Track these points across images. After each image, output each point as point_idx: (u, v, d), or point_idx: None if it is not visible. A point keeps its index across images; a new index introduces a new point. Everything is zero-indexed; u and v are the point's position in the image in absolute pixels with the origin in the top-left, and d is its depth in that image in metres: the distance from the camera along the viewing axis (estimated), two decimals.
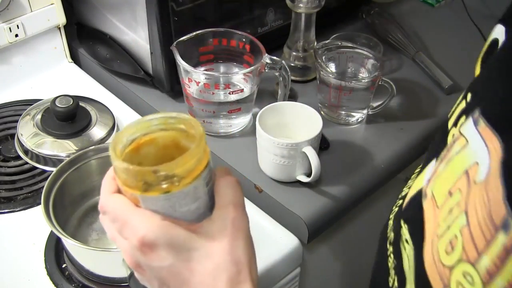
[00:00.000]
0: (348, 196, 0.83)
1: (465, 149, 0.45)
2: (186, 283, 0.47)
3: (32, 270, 0.73)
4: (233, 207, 0.48)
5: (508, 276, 0.39)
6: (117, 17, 0.99)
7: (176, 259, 0.46)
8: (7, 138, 0.91)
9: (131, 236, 0.46)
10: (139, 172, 0.45)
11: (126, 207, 0.47)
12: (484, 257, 0.41)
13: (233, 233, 0.48)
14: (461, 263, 0.43)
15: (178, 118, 0.49)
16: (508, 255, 0.39)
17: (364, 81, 0.89)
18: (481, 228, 0.41)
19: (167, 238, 0.46)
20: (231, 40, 0.89)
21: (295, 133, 0.85)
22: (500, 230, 0.39)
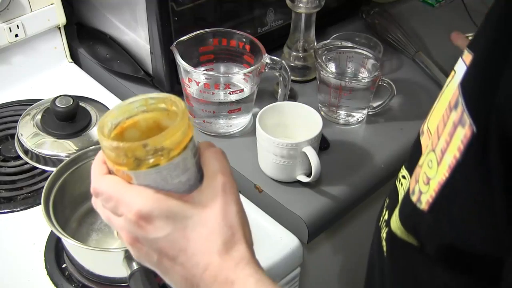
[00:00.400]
0: (348, 196, 0.83)
1: (453, 79, 0.49)
2: (183, 251, 0.48)
3: (32, 270, 0.73)
4: (221, 175, 0.50)
5: (453, 149, 0.43)
6: (117, 17, 0.99)
7: (172, 229, 0.48)
8: (7, 138, 0.91)
9: (127, 211, 0.48)
10: (129, 148, 0.47)
11: (118, 185, 0.49)
12: (441, 139, 0.46)
13: (224, 198, 0.49)
14: (428, 154, 0.48)
15: (158, 98, 0.51)
16: (455, 129, 0.43)
17: (364, 81, 0.89)
18: (443, 117, 0.46)
19: (162, 209, 0.48)
20: (231, 40, 0.89)
21: (295, 133, 0.85)
22: (453, 109, 0.45)
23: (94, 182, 0.50)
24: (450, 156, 0.44)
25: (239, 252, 0.49)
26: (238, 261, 0.48)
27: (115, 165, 0.48)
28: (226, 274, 0.48)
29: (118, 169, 0.49)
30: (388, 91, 0.91)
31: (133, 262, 0.64)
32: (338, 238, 0.93)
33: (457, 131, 0.43)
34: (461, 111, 0.43)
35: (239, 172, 0.84)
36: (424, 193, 0.47)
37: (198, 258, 0.48)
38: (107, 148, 0.48)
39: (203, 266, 0.48)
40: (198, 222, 0.49)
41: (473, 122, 0.41)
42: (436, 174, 0.46)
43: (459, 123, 0.43)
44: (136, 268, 0.64)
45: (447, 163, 0.44)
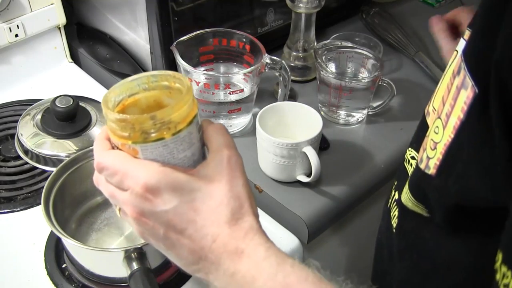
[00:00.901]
0: (348, 196, 0.83)
1: (455, 59, 0.51)
2: (191, 222, 0.49)
3: (32, 270, 0.73)
4: (226, 148, 0.51)
5: (457, 111, 0.45)
6: (117, 17, 0.99)
7: (180, 201, 0.48)
8: (7, 138, 0.91)
9: (133, 184, 0.48)
10: (137, 120, 0.47)
11: (124, 158, 0.49)
12: (446, 105, 0.48)
13: (230, 170, 0.50)
14: (434, 122, 0.49)
15: (160, 75, 0.51)
16: (459, 92, 0.45)
17: (364, 81, 0.89)
18: (447, 86, 0.49)
19: (169, 181, 0.48)
20: (231, 40, 0.89)
21: (295, 133, 0.85)
22: (456, 75, 0.46)
23: (98, 156, 0.50)
24: (454, 118, 0.46)
25: (248, 223, 0.49)
26: (247, 231, 0.49)
27: (121, 139, 0.49)
28: (235, 243, 0.48)
29: (123, 143, 0.49)
30: (388, 91, 0.91)
31: (133, 262, 0.64)
32: (338, 238, 0.93)
33: (461, 94, 0.45)
34: (463, 75, 0.45)
35: None
36: (432, 158, 0.49)
37: (207, 229, 0.49)
38: (113, 121, 0.48)
39: (212, 237, 0.48)
40: (206, 194, 0.49)
41: (474, 83, 0.43)
42: (442, 137, 0.47)
43: (462, 86, 0.45)
44: (136, 268, 0.64)
45: (452, 125, 0.46)
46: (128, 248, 0.65)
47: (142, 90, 0.52)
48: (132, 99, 0.51)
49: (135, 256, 0.65)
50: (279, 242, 0.78)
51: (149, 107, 0.52)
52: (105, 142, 0.51)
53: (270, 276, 0.47)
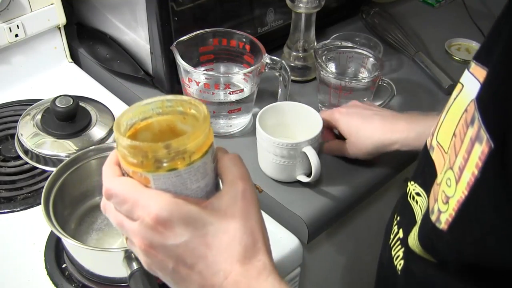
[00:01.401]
0: (348, 196, 0.83)
1: (461, 93, 0.49)
2: (203, 258, 0.47)
3: (32, 270, 0.73)
4: (241, 181, 0.49)
5: (472, 167, 0.43)
6: (117, 17, 0.99)
7: (192, 235, 0.46)
8: (7, 138, 0.91)
9: (144, 215, 0.46)
10: (151, 149, 0.45)
11: (135, 187, 0.47)
12: (459, 157, 0.45)
13: (244, 205, 0.48)
14: (447, 172, 0.47)
15: (175, 100, 0.50)
16: (473, 145, 0.42)
17: (364, 81, 0.89)
18: (460, 134, 0.45)
19: (181, 214, 0.46)
20: (231, 40, 0.89)
21: (295, 133, 0.85)
22: (470, 125, 0.44)
23: (108, 183, 0.48)
24: (468, 174, 0.43)
25: (261, 262, 0.48)
26: (260, 270, 0.47)
27: (132, 166, 0.47)
28: (248, 283, 0.47)
29: (135, 171, 0.47)
30: (388, 91, 0.91)
31: (133, 262, 0.64)
32: (338, 238, 0.93)
33: (475, 148, 0.42)
34: (478, 127, 0.42)
35: None
36: (444, 212, 0.46)
37: (219, 266, 0.47)
38: (125, 147, 0.46)
39: (223, 274, 0.47)
40: (218, 229, 0.47)
41: (490, 137, 0.41)
42: (455, 192, 0.45)
43: (476, 139, 0.42)
44: (136, 268, 0.64)
45: (465, 181, 0.43)
46: (128, 248, 0.65)
47: (155, 114, 0.49)
48: (145, 123, 0.49)
49: (135, 256, 0.65)
50: (279, 242, 0.78)
51: (161, 131, 0.50)
52: (115, 167, 0.49)
53: None
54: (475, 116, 0.43)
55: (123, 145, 0.46)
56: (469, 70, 0.48)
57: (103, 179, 0.49)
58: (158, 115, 0.50)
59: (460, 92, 0.49)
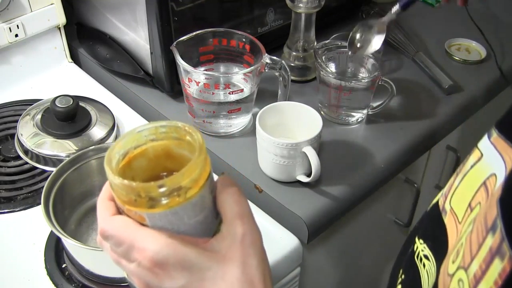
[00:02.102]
0: (348, 196, 0.83)
1: (480, 162, 0.45)
2: None
3: (32, 270, 0.73)
4: (240, 221, 0.47)
5: (490, 281, 0.38)
6: (117, 17, 0.99)
7: (189, 279, 0.45)
8: (7, 138, 0.91)
9: (140, 257, 0.45)
10: (143, 188, 0.43)
11: (130, 228, 0.45)
12: (474, 262, 0.40)
13: (244, 249, 0.46)
14: (458, 270, 0.43)
15: (170, 126, 0.47)
16: (492, 258, 0.38)
17: (364, 81, 0.89)
18: (477, 233, 0.41)
19: (177, 257, 0.45)
20: (231, 40, 0.89)
21: (295, 133, 0.85)
22: (490, 231, 0.39)
23: (102, 223, 0.47)
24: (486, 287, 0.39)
25: None
26: None
27: (126, 204, 0.45)
28: None
29: (129, 209, 0.45)
30: (388, 91, 0.91)
31: None
32: (338, 238, 0.93)
33: (495, 263, 0.38)
34: (500, 238, 0.38)
35: (239, 172, 0.84)
36: None
37: None
38: (118, 187, 0.44)
39: None
40: (216, 274, 0.45)
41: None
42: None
43: (497, 253, 0.38)
44: None
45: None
46: None
47: (149, 140, 0.48)
48: (139, 150, 0.47)
49: None
50: (279, 242, 0.78)
51: (156, 156, 0.48)
52: (109, 204, 0.47)
53: None
54: (498, 224, 0.38)
55: (115, 183, 0.44)
56: (490, 140, 0.44)
57: (98, 217, 0.48)
58: (152, 141, 0.48)
59: (478, 160, 0.46)
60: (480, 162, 0.45)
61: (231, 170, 0.85)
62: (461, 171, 0.48)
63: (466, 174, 0.47)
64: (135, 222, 0.45)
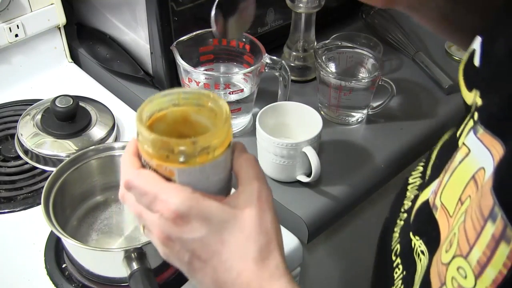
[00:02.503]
0: (348, 196, 0.83)
1: (468, 157, 0.47)
2: (217, 254, 0.48)
3: (32, 270, 0.73)
4: (257, 181, 0.50)
5: (498, 265, 0.40)
6: (117, 17, 0.99)
7: (209, 230, 0.48)
8: (7, 138, 0.91)
9: (164, 209, 0.47)
10: (179, 144, 0.47)
11: (156, 181, 0.48)
12: (475, 249, 0.42)
13: (260, 204, 0.49)
14: (455, 258, 0.44)
15: (193, 93, 0.51)
16: (497, 244, 0.40)
17: (364, 81, 0.89)
18: (473, 222, 0.43)
19: (200, 210, 0.47)
20: (231, 40, 0.89)
21: (295, 133, 0.85)
22: (489, 220, 0.41)
23: (129, 175, 0.49)
24: (494, 272, 0.41)
25: (274, 261, 0.49)
26: (273, 271, 0.48)
27: (157, 160, 0.48)
28: (260, 283, 0.48)
29: (160, 164, 0.48)
30: (388, 91, 0.91)
31: (133, 262, 0.64)
32: (338, 238, 0.93)
33: (501, 247, 0.40)
34: (503, 225, 0.40)
35: None
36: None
37: (232, 264, 0.48)
38: (152, 143, 0.47)
39: (236, 272, 0.48)
40: (235, 226, 0.48)
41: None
42: (476, 286, 0.43)
43: (502, 238, 0.40)
44: (136, 268, 0.64)
45: (490, 278, 0.41)
46: (128, 248, 0.65)
47: (171, 105, 0.51)
48: (161, 113, 0.51)
49: (135, 256, 0.65)
50: None
51: (175, 121, 0.51)
52: (134, 158, 0.50)
53: None
54: (497, 212, 0.40)
55: (149, 139, 0.47)
56: (476, 135, 0.46)
57: (123, 170, 0.50)
58: (173, 106, 0.51)
59: (466, 156, 0.47)
60: (468, 158, 0.47)
61: None
62: (449, 168, 0.50)
63: (455, 170, 0.49)
64: (160, 176, 0.48)
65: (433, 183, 0.55)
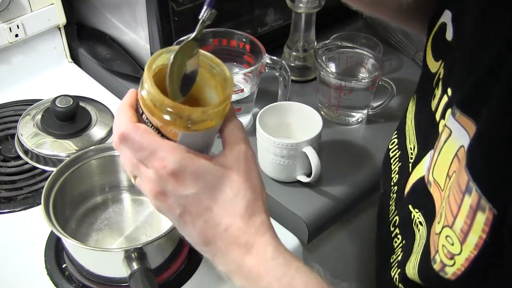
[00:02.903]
0: (348, 196, 0.83)
1: (450, 137, 0.51)
2: (208, 210, 0.51)
3: (32, 270, 0.73)
4: (244, 143, 0.53)
5: (478, 231, 0.45)
6: (117, 17, 0.99)
7: (201, 187, 0.50)
8: (7, 138, 0.91)
9: (159, 166, 0.49)
10: (190, 112, 0.49)
11: (153, 138, 0.50)
12: (458, 219, 0.47)
13: (247, 163, 0.52)
14: (444, 228, 0.50)
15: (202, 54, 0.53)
16: (475, 213, 0.45)
17: (364, 81, 0.89)
18: (454, 195, 0.48)
19: (194, 168, 0.50)
20: (231, 40, 0.89)
21: (295, 133, 0.85)
22: (466, 193, 0.46)
23: (126, 127, 0.50)
24: (475, 237, 0.46)
25: (260, 218, 0.52)
26: (258, 226, 0.51)
27: (164, 122, 0.50)
28: (246, 237, 0.51)
29: (164, 126, 0.50)
30: (388, 91, 0.91)
31: (133, 262, 0.64)
32: (338, 238, 0.93)
33: (478, 216, 0.45)
34: (478, 197, 0.44)
35: None
36: (450, 266, 0.49)
37: (221, 219, 0.51)
38: (163, 106, 0.49)
39: (225, 226, 0.51)
40: (225, 183, 0.51)
41: (492, 206, 0.43)
42: (462, 251, 0.47)
43: (477, 208, 0.45)
44: (136, 268, 0.64)
45: (473, 243, 0.46)
46: (128, 248, 0.65)
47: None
48: (159, 68, 0.52)
49: (135, 256, 0.65)
50: None
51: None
52: (131, 111, 0.52)
53: (276, 277, 0.50)
54: (471, 186, 0.45)
55: (163, 104, 0.49)
56: (454, 118, 0.50)
57: (118, 120, 0.52)
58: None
59: (449, 136, 0.51)
60: (450, 138, 0.51)
61: None
62: (437, 147, 0.54)
63: (442, 149, 0.53)
64: (155, 131, 0.51)
65: (424, 160, 0.58)
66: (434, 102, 0.58)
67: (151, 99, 0.50)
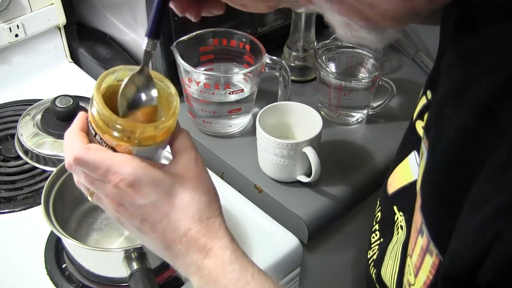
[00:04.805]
0: (348, 196, 0.83)
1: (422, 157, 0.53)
2: (166, 216, 0.53)
3: (32, 270, 0.73)
4: (193, 150, 0.55)
5: (426, 271, 0.48)
6: (117, 17, 0.99)
7: (158, 195, 0.52)
8: (7, 138, 0.91)
9: (116, 180, 0.51)
10: (142, 129, 0.51)
11: (105, 154, 0.52)
12: (414, 254, 0.50)
13: (198, 169, 0.55)
14: (407, 256, 0.52)
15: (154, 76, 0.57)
16: (424, 254, 0.47)
17: (364, 81, 0.89)
18: (414, 231, 0.50)
19: (150, 178, 0.52)
20: (231, 40, 0.89)
21: (295, 133, 0.85)
22: (419, 234, 0.48)
23: (79, 151, 0.52)
24: (423, 275, 0.48)
25: (217, 222, 0.54)
26: (216, 230, 0.53)
27: (117, 140, 0.51)
28: (204, 241, 0.53)
29: (119, 144, 0.52)
30: (388, 91, 0.91)
31: (133, 262, 0.64)
32: (338, 238, 0.93)
33: (426, 258, 0.47)
34: (427, 241, 0.47)
35: (239, 172, 0.84)
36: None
37: (179, 224, 0.53)
38: (117, 127, 0.51)
39: (183, 231, 0.53)
40: (180, 190, 0.53)
41: (439, 252, 0.46)
42: (415, 284, 0.50)
43: (427, 250, 0.47)
44: (136, 268, 0.64)
45: (422, 279, 0.49)
46: (128, 248, 0.65)
47: (116, 81, 0.55)
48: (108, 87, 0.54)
49: (135, 256, 0.65)
50: (279, 242, 0.78)
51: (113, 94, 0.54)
52: (82, 134, 0.54)
53: (232, 281, 0.52)
54: (423, 229, 0.47)
55: (116, 123, 0.51)
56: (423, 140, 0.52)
57: (70, 146, 0.54)
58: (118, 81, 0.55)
59: (422, 155, 0.52)
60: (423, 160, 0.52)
61: (231, 170, 0.85)
62: (422, 157, 0.55)
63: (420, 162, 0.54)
64: (108, 149, 0.52)
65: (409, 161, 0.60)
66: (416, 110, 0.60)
67: (103, 119, 0.51)
